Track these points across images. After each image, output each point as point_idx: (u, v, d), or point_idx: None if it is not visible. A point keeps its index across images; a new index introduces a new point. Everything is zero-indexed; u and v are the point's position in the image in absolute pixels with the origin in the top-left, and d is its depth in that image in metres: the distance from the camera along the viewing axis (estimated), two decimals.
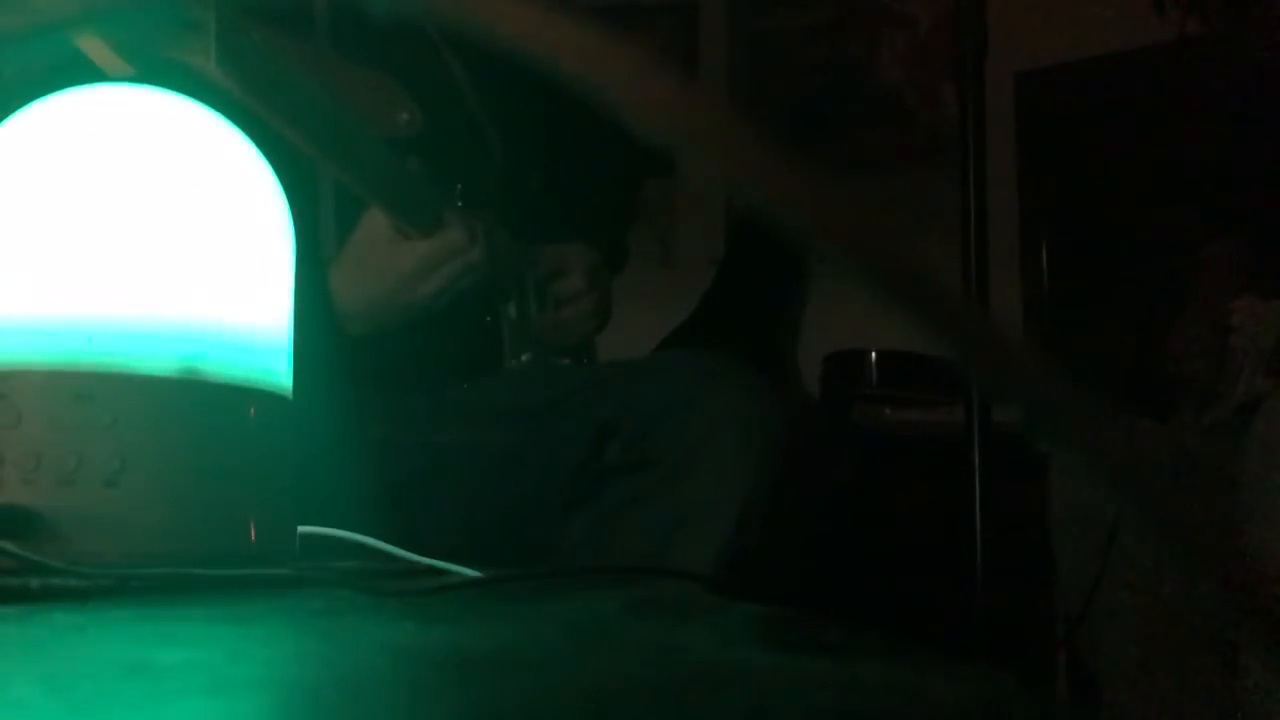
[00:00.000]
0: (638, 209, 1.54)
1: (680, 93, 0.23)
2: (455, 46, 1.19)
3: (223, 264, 0.57)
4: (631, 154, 1.41)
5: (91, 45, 0.50)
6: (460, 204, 1.09)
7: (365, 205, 1.01)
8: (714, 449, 1.00)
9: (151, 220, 0.55)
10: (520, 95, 1.17)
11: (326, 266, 1.04)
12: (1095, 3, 2.44)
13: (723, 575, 0.96)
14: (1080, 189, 2.46)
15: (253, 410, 0.57)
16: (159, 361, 0.54)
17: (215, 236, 0.57)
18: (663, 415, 1.02)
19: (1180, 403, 1.73)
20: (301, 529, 0.62)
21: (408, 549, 0.65)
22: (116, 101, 0.58)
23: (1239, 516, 1.32)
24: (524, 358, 1.19)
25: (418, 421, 1.10)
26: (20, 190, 0.55)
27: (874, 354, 2.31)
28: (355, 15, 1.10)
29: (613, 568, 0.84)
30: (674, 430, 1.01)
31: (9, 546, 0.47)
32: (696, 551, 0.98)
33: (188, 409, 0.54)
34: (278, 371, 0.60)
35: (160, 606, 0.46)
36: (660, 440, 1.01)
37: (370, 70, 1.07)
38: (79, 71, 0.55)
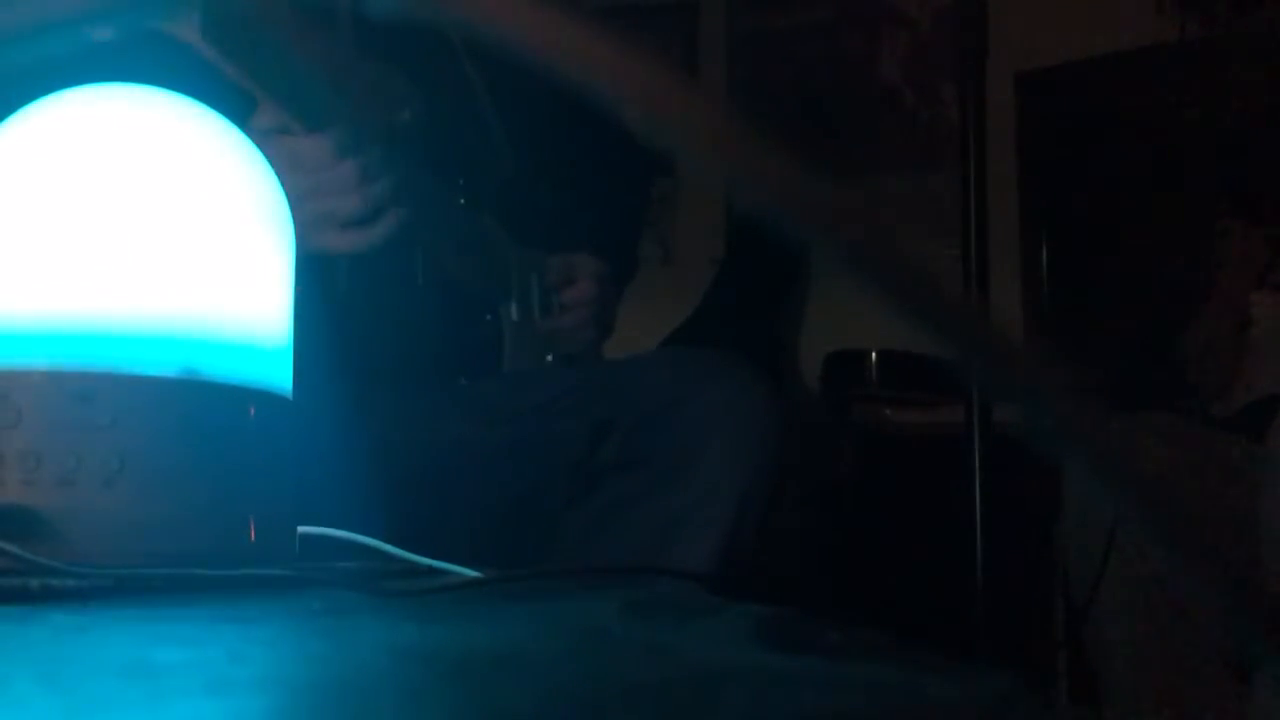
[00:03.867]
0: (648, 221, 1.54)
1: (680, 92, 0.23)
2: (470, 48, 1.19)
3: (223, 264, 0.57)
4: (644, 166, 1.41)
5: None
6: (463, 200, 1.09)
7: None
8: (710, 447, 1.00)
9: (151, 220, 0.55)
10: (533, 101, 1.17)
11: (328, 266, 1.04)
12: (1095, 3, 2.44)
13: (720, 574, 0.96)
14: (1080, 189, 2.46)
15: (253, 410, 0.57)
16: (159, 361, 0.54)
17: (215, 237, 0.57)
18: (659, 413, 1.02)
19: (1190, 395, 1.73)
20: (301, 529, 0.62)
21: (407, 548, 0.65)
22: (117, 101, 0.58)
23: (1258, 517, 1.32)
24: (526, 358, 1.20)
25: (417, 420, 1.10)
26: (20, 190, 0.55)
27: (874, 354, 2.31)
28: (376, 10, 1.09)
29: (613, 568, 0.84)
30: (671, 428, 1.01)
31: (9, 546, 0.47)
32: (693, 549, 0.98)
33: (188, 409, 0.54)
34: (278, 371, 0.60)
35: (160, 606, 0.46)
36: (657, 438, 1.01)
37: (377, 64, 1.07)
38: (79, 71, 0.55)
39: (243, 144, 0.61)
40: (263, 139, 0.96)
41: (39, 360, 0.53)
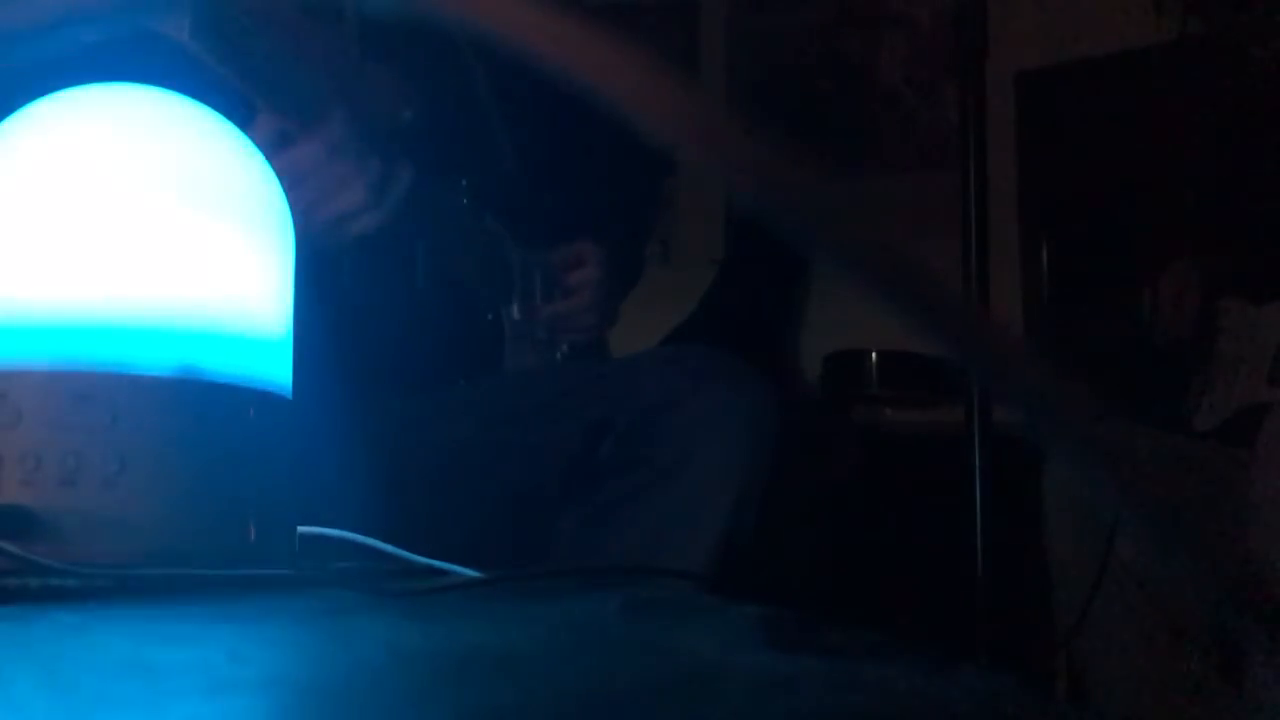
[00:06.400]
0: (653, 221, 1.53)
1: (680, 92, 0.23)
2: (474, 47, 1.19)
3: (222, 263, 0.57)
4: (649, 167, 1.41)
5: None
6: (465, 200, 1.09)
7: None
8: (707, 446, 1.00)
9: (151, 220, 0.55)
10: (536, 100, 1.17)
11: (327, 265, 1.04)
12: (1095, 3, 2.44)
13: (717, 573, 0.96)
14: (1080, 189, 2.46)
15: (252, 410, 0.57)
16: (158, 361, 0.54)
17: (214, 236, 0.57)
18: (656, 413, 1.02)
19: (1173, 406, 1.73)
20: (301, 529, 0.62)
21: (405, 548, 0.65)
22: (116, 101, 0.58)
23: (1244, 520, 1.32)
24: (528, 358, 1.20)
25: (417, 420, 1.10)
26: (20, 190, 0.55)
27: (874, 354, 2.32)
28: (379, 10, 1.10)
29: (613, 568, 0.84)
30: (667, 428, 1.01)
31: (9, 546, 0.47)
32: (690, 549, 0.98)
33: (187, 409, 0.54)
34: (277, 371, 0.60)
35: (160, 606, 0.46)
36: (654, 438, 1.01)
37: (380, 64, 1.07)
38: (77, 71, 0.55)
39: (241, 142, 0.61)
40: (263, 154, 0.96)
41: (39, 360, 0.53)
